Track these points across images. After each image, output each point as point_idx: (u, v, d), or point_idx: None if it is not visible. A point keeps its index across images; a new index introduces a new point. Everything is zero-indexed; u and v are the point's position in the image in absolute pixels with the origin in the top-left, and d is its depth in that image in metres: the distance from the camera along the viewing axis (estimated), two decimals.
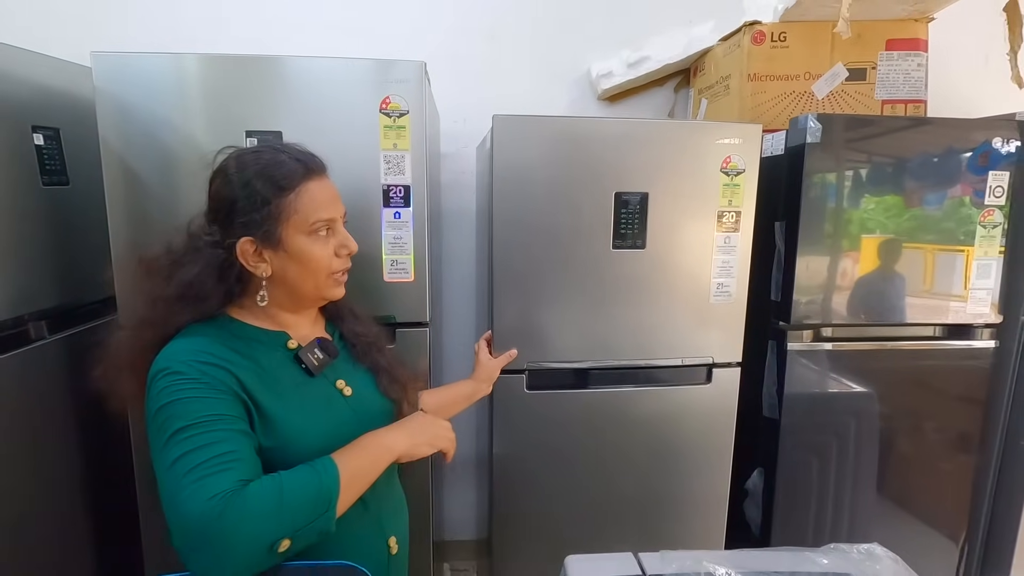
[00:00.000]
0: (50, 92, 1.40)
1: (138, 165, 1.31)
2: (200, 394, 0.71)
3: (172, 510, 0.66)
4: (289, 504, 0.68)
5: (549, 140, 1.37)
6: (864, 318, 1.56)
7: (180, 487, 0.66)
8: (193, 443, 0.68)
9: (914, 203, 1.52)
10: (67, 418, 1.44)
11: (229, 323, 0.82)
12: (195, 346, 0.76)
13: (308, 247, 0.82)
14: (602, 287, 1.43)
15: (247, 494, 0.67)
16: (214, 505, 0.65)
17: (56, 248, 1.40)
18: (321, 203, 0.82)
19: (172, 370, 0.73)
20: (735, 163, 1.39)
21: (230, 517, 0.65)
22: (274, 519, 0.67)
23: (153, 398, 0.72)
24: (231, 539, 0.65)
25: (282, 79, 1.32)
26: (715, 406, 1.53)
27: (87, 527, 1.50)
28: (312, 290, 0.86)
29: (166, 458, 0.68)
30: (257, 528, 0.66)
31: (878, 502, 1.68)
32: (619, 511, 1.56)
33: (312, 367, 0.85)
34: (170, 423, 0.69)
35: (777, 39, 1.64)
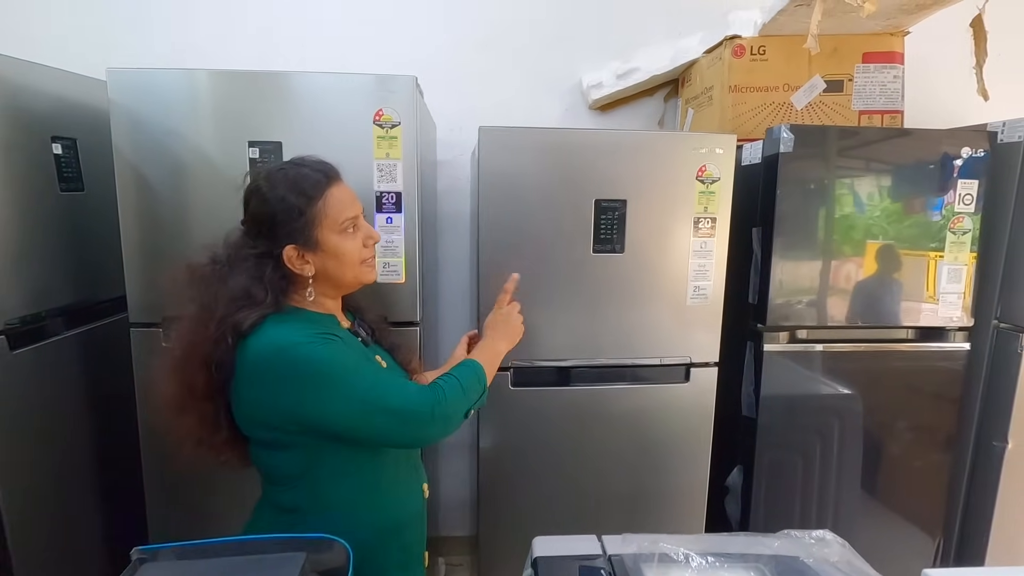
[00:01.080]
0: (68, 104, 1.50)
1: (148, 173, 1.40)
2: (339, 349, 0.90)
3: (390, 419, 0.90)
4: (467, 387, 0.99)
5: (532, 150, 1.45)
6: (838, 320, 1.62)
7: (388, 400, 0.90)
8: (368, 378, 0.91)
9: (887, 210, 1.57)
10: (80, 408, 1.54)
11: (298, 312, 0.96)
12: (297, 328, 0.91)
13: (341, 243, 0.96)
14: (583, 289, 1.50)
15: (443, 385, 0.96)
16: (428, 395, 0.93)
17: (72, 250, 1.50)
18: (345, 204, 0.96)
19: (300, 341, 0.88)
20: (710, 171, 1.46)
21: (443, 399, 0.93)
22: (464, 396, 0.98)
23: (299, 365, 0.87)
24: (448, 412, 0.94)
25: (283, 93, 1.41)
26: (693, 404, 1.60)
27: (97, 514, 1.60)
28: (352, 278, 1.00)
29: (359, 389, 0.89)
30: (460, 402, 0.97)
31: (857, 499, 1.73)
32: (603, 505, 1.62)
33: (366, 339, 1.05)
34: (339, 373, 0.88)
35: (757, 52, 1.71)
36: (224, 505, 1.53)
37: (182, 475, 1.50)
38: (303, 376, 0.87)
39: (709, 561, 0.90)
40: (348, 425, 0.90)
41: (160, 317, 1.44)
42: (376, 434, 0.92)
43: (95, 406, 1.57)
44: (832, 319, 1.61)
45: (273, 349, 0.88)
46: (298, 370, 0.87)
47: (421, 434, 0.95)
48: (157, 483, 1.51)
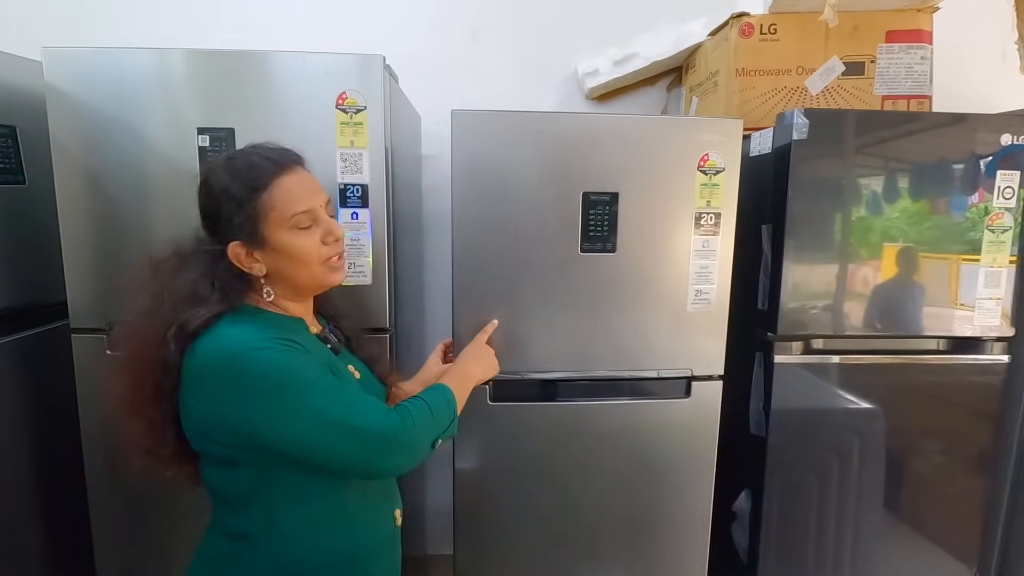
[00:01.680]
0: (6, 89, 1.38)
1: (91, 164, 1.27)
2: (298, 357, 0.79)
3: (348, 440, 0.79)
4: (436, 414, 0.89)
5: (513, 137, 1.29)
6: (859, 329, 1.44)
7: (349, 420, 0.78)
8: (329, 392, 0.79)
9: (914, 206, 1.40)
10: (16, 420, 1.41)
11: (257, 312, 0.86)
12: (251, 331, 0.80)
13: (292, 241, 0.84)
14: (571, 292, 1.34)
15: (410, 408, 0.86)
16: (394, 419, 0.83)
17: (9, 248, 1.38)
18: (297, 196, 0.83)
19: (254, 346, 0.77)
20: (713, 161, 1.30)
21: (409, 424, 0.84)
22: (433, 423, 0.88)
23: (257, 371, 0.76)
24: (414, 439, 0.85)
25: (236, 75, 1.27)
26: (695, 421, 1.43)
27: (37, 526, 1.47)
28: (308, 280, 0.88)
29: (313, 407, 0.77)
30: (429, 429, 0.87)
31: (882, 525, 1.56)
32: (592, 532, 1.46)
33: (336, 347, 0.95)
34: (295, 382, 0.77)
35: (767, 31, 1.55)
36: (178, 525, 1.40)
37: (131, 492, 1.38)
38: (253, 386, 0.76)
39: None
40: (302, 446, 0.79)
41: (105, 322, 1.32)
42: (333, 458, 0.81)
43: (33, 418, 1.44)
44: (851, 327, 1.44)
45: (221, 354, 0.78)
46: (247, 379, 0.76)
47: (383, 461, 0.84)
48: (103, 501, 1.38)
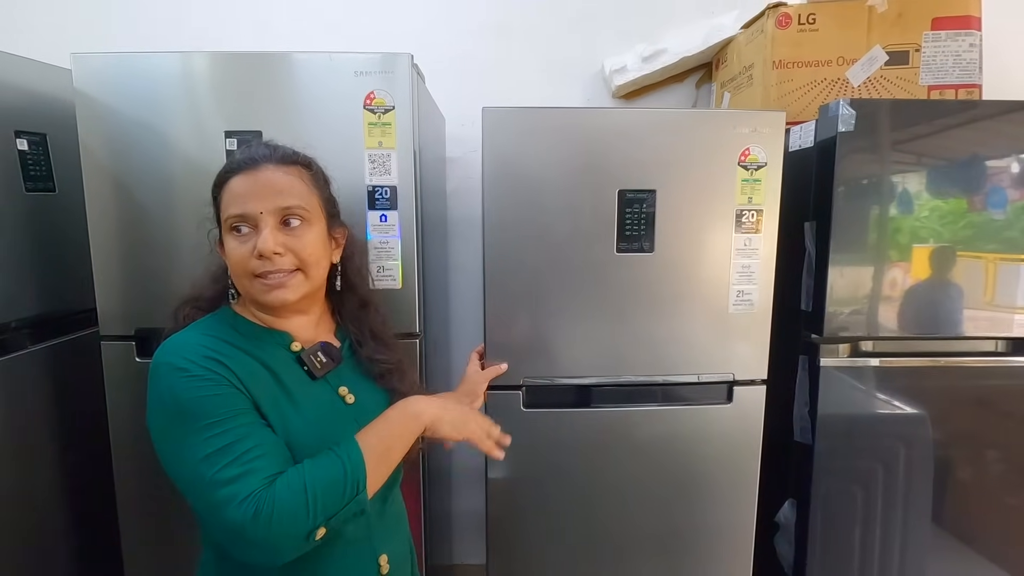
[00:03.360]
0: (35, 97, 1.38)
1: (120, 170, 1.27)
2: (209, 391, 0.70)
3: (208, 513, 0.68)
4: (318, 495, 0.68)
5: (545, 134, 1.25)
6: (911, 331, 1.37)
7: (211, 492, 0.66)
8: (219, 441, 0.68)
9: (972, 205, 1.32)
10: (47, 425, 1.40)
11: (232, 319, 0.81)
12: (197, 340, 0.75)
13: (228, 245, 0.78)
14: (606, 295, 1.29)
15: (275, 493, 0.67)
16: (246, 509, 0.65)
17: (40, 256, 1.37)
18: (235, 198, 0.76)
19: (177, 365, 0.71)
20: (755, 156, 1.25)
21: (263, 518, 0.65)
22: (304, 513, 0.67)
23: (163, 391, 0.70)
24: (268, 537, 0.66)
25: (263, 76, 1.26)
26: (737, 428, 1.37)
27: (67, 528, 1.47)
28: (245, 291, 0.80)
29: (189, 457, 0.68)
30: (290, 524, 0.67)
31: (933, 538, 1.47)
32: (630, 543, 1.41)
33: (314, 369, 0.82)
34: (188, 422, 0.69)
35: (805, 21, 1.49)
36: None
37: (159, 495, 1.36)
38: (159, 403, 0.71)
39: None
40: (179, 482, 0.71)
41: (133, 329, 1.31)
42: (200, 514, 0.72)
43: (64, 423, 1.43)
44: (902, 329, 1.36)
45: (155, 360, 0.73)
46: (163, 397, 0.71)
47: (238, 551, 0.69)
48: (131, 504, 1.36)
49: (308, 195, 0.80)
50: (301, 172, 0.81)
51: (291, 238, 0.77)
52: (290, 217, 0.78)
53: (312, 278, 0.81)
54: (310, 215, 0.79)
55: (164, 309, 1.29)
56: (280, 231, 0.77)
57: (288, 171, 0.79)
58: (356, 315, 0.91)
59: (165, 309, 1.29)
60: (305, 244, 0.78)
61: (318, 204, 0.82)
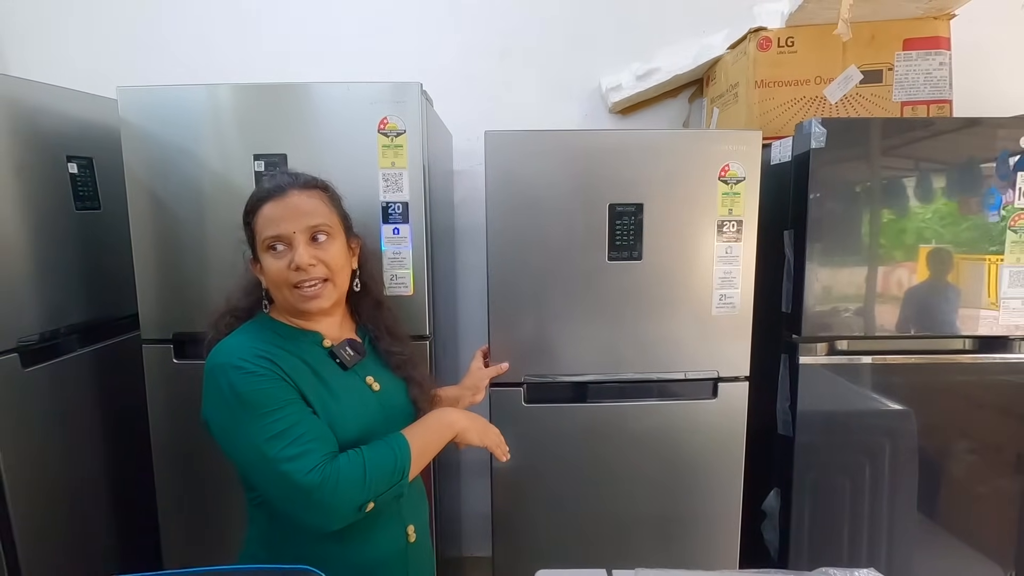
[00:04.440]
0: (83, 124, 1.53)
1: (159, 189, 1.40)
2: (264, 384, 0.82)
3: (274, 482, 0.80)
4: (372, 477, 0.83)
5: (542, 154, 1.38)
6: (883, 330, 1.47)
7: (277, 466, 0.79)
8: (278, 426, 0.81)
9: (936, 210, 1.43)
10: (93, 424, 1.54)
11: (271, 323, 0.94)
12: (247, 342, 0.87)
13: (266, 262, 0.90)
14: (599, 299, 1.41)
15: (339, 466, 0.81)
16: (314, 477, 0.79)
17: (87, 267, 1.52)
18: (270, 221, 0.88)
19: (233, 364, 0.83)
20: (734, 171, 1.36)
21: (328, 487, 0.79)
22: (361, 487, 0.82)
23: (223, 387, 0.83)
24: (330, 503, 0.80)
25: (287, 104, 1.39)
26: (723, 421, 1.48)
27: (109, 521, 1.60)
28: (283, 300, 0.92)
29: (252, 440, 0.80)
30: (350, 495, 0.81)
31: (913, 526, 1.57)
32: (625, 531, 1.52)
33: (345, 361, 0.94)
34: (248, 411, 0.81)
35: (784, 44, 1.60)
36: (237, 518, 1.51)
37: (194, 488, 1.50)
38: (221, 398, 0.83)
39: None
40: (243, 465, 0.85)
41: (171, 333, 1.44)
42: (263, 489, 0.85)
43: (108, 422, 1.58)
44: (875, 328, 1.47)
45: (211, 362, 0.86)
46: (220, 389, 0.83)
47: (298, 513, 0.82)
48: (170, 497, 1.50)
49: (329, 213, 0.93)
50: (321, 194, 0.94)
51: (320, 251, 0.90)
52: (318, 233, 0.90)
53: (339, 285, 0.94)
54: (333, 230, 0.92)
55: (200, 315, 1.44)
56: (310, 246, 0.89)
57: (311, 194, 0.92)
58: (372, 314, 1.04)
59: (200, 315, 1.43)
60: (332, 255, 0.91)
61: (338, 220, 0.95)
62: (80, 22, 1.99)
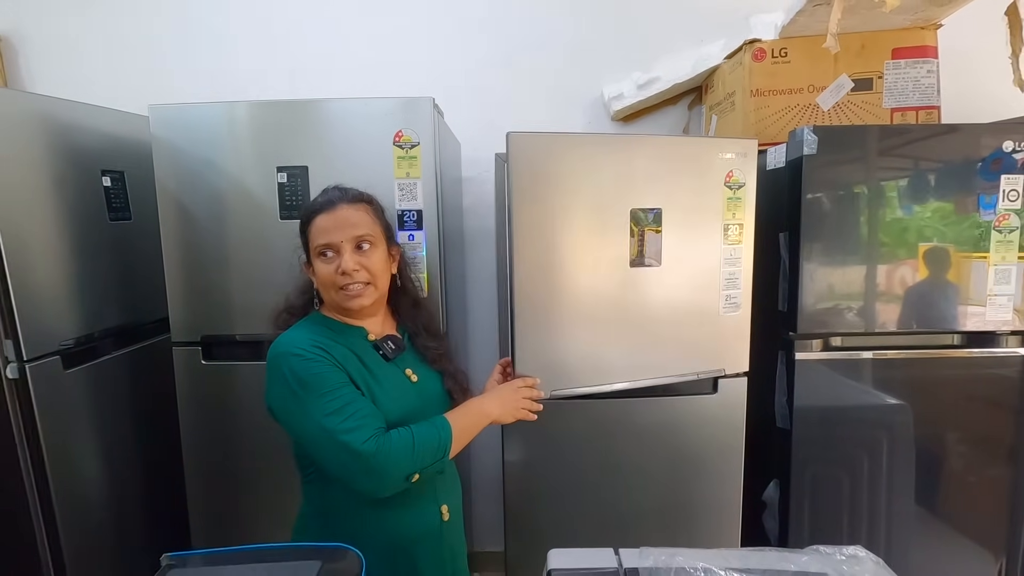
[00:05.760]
0: (116, 140, 1.62)
1: (187, 201, 1.49)
2: (321, 369, 0.94)
3: (335, 452, 0.91)
4: (419, 450, 0.94)
5: (563, 157, 1.33)
6: (874, 326, 1.54)
7: (337, 437, 0.90)
8: (335, 404, 0.92)
9: (923, 210, 1.50)
10: (127, 421, 1.64)
11: (323, 319, 1.05)
12: (303, 335, 0.99)
13: (317, 267, 1.02)
14: (623, 308, 1.40)
15: (392, 439, 0.93)
16: (370, 445, 0.90)
17: (120, 275, 1.61)
18: (321, 231, 1.00)
19: (293, 353, 0.95)
20: (737, 177, 1.43)
21: (382, 454, 0.91)
22: (410, 459, 0.94)
23: (285, 373, 0.94)
24: (384, 468, 0.91)
25: (308, 119, 1.48)
26: (723, 416, 1.55)
27: (140, 512, 1.70)
28: (331, 301, 1.04)
29: (315, 416, 0.92)
30: (400, 464, 0.93)
31: (909, 515, 1.63)
32: (634, 520, 1.58)
33: (387, 353, 1.06)
34: (309, 392, 0.92)
35: (778, 55, 1.68)
36: (264, 514, 1.59)
37: (221, 482, 1.59)
38: (284, 382, 0.94)
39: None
40: (306, 441, 0.96)
41: (199, 336, 1.53)
42: (323, 461, 0.95)
43: (141, 421, 1.66)
44: (867, 325, 1.54)
45: (273, 351, 0.98)
46: (283, 375, 0.95)
47: (355, 480, 0.93)
48: (198, 489, 1.58)
49: (373, 224, 1.04)
50: (367, 207, 1.05)
51: (364, 258, 1.01)
52: (362, 242, 1.01)
53: (379, 288, 1.05)
54: (376, 239, 1.03)
55: (226, 318, 1.53)
56: (356, 254, 1.01)
57: (357, 208, 1.03)
58: (410, 313, 1.15)
59: (227, 318, 1.53)
60: (374, 262, 1.02)
61: (380, 230, 1.06)
62: (101, 43, 2.08)
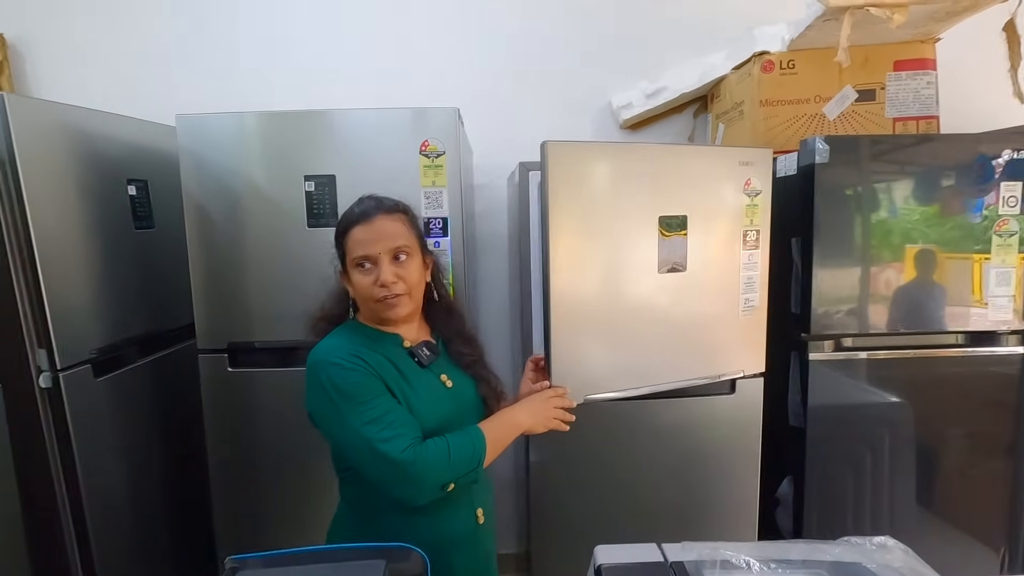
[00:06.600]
0: (140, 149, 1.63)
1: (213, 209, 1.50)
2: (359, 378, 0.96)
3: (373, 460, 0.93)
4: (454, 460, 0.96)
5: (597, 165, 1.34)
6: (884, 327, 1.61)
7: (376, 446, 0.92)
8: (374, 413, 0.94)
9: (926, 214, 1.57)
10: (154, 427, 1.64)
11: (359, 327, 1.06)
12: (341, 343, 1.01)
13: (355, 277, 1.02)
14: (652, 314, 1.41)
15: (428, 448, 0.94)
16: (407, 455, 0.92)
17: (144, 283, 1.61)
18: (358, 243, 1.00)
19: (332, 362, 0.97)
20: (754, 184, 1.48)
21: (419, 463, 0.92)
22: (446, 469, 0.95)
23: (323, 382, 0.96)
24: (421, 478, 0.93)
25: (335, 129, 1.50)
26: (740, 415, 1.60)
27: (166, 514, 1.70)
28: (368, 311, 1.05)
29: (354, 424, 0.93)
30: (436, 473, 0.94)
31: (914, 511, 1.70)
32: (654, 518, 1.62)
33: (423, 359, 1.06)
34: (347, 401, 0.94)
35: (786, 67, 1.74)
36: (288, 520, 1.61)
37: (247, 488, 1.60)
38: (322, 389, 0.96)
39: (771, 567, 0.91)
40: (343, 447, 0.98)
41: (226, 343, 1.54)
42: (361, 468, 0.97)
43: (166, 426, 1.67)
44: (877, 326, 1.60)
45: (312, 359, 0.99)
46: (321, 383, 0.96)
47: (391, 488, 0.94)
48: (223, 492, 1.59)
49: (409, 235, 1.04)
50: (403, 217, 1.05)
51: (401, 269, 1.01)
52: (400, 253, 1.01)
53: (415, 297, 1.05)
54: (412, 250, 1.03)
55: (252, 326, 1.54)
56: (393, 265, 1.00)
57: (394, 218, 1.02)
58: (445, 320, 1.15)
59: (253, 326, 1.55)
60: (411, 272, 1.02)
61: (416, 240, 1.06)
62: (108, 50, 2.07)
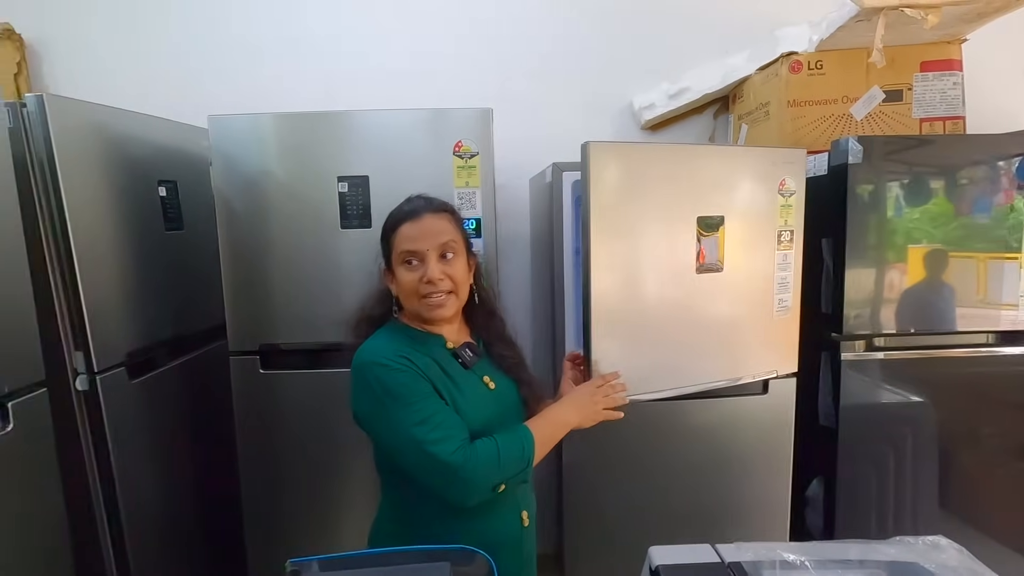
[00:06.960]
0: (170, 150, 1.62)
1: (244, 210, 1.49)
2: (406, 379, 0.95)
3: (422, 462, 0.92)
4: (504, 461, 0.95)
5: (639, 166, 1.34)
6: (914, 327, 1.61)
7: (426, 447, 0.91)
8: (423, 414, 0.93)
9: (960, 213, 1.58)
10: (186, 427, 1.64)
11: (403, 327, 1.05)
12: (387, 344, 0.99)
13: (400, 274, 1.01)
14: (690, 313, 1.41)
15: (478, 450, 0.93)
16: (458, 456, 0.91)
17: (175, 285, 1.60)
18: (406, 239, 1.00)
19: (379, 363, 0.95)
20: (789, 185, 1.48)
21: (470, 465, 0.92)
22: (496, 470, 0.94)
23: (371, 383, 0.95)
24: (471, 479, 0.92)
25: (368, 130, 1.49)
26: (773, 415, 1.60)
27: (198, 513, 1.70)
28: (412, 308, 1.03)
29: (403, 425, 0.92)
30: (487, 475, 0.94)
31: (941, 511, 1.70)
32: (686, 519, 1.61)
33: (466, 361, 1.06)
34: (396, 402, 0.93)
35: (814, 67, 1.75)
36: (319, 522, 1.60)
37: (279, 491, 1.59)
38: (370, 391, 0.95)
39: (829, 567, 0.91)
40: (391, 448, 0.97)
41: (258, 345, 1.53)
42: (410, 469, 0.95)
43: (198, 428, 1.66)
44: (909, 326, 1.61)
45: (357, 360, 0.98)
46: (368, 384, 0.95)
47: (442, 489, 0.94)
48: (254, 491, 1.58)
49: (455, 233, 1.03)
50: (450, 216, 1.04)
51: (448, 267, 1.00)
52: (447, 251, 1.00)
53: (460, 297, 1.04)
54: (458, 248, 1.03)
55: (284, 327, 1.53)
56: (440, 262, 1.00)
57: (441, 216, 1.02)
58: (486, 322, 1.14)
59: (285, 327, 1.53)
60: (457, 270, 1.02)
61: (461, 240, 1.05)
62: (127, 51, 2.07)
